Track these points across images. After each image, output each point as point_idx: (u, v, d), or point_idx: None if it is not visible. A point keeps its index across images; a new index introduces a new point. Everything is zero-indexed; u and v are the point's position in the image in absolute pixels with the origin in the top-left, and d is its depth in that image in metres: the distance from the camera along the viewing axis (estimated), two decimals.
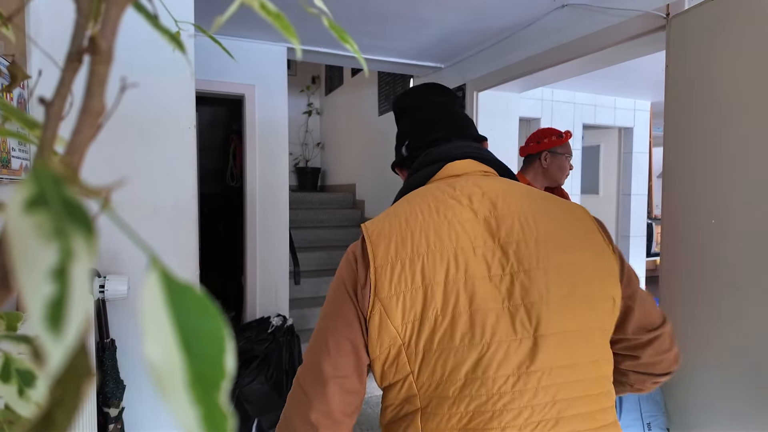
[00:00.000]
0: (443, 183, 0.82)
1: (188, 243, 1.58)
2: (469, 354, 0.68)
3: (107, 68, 0.20)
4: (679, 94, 1.68)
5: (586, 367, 0.70)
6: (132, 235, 0.17)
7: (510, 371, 0.67)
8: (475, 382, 0.67)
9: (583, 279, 0.71)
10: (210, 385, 0.15)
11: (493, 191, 0.77)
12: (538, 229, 0.72)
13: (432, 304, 0.69)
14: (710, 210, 1.55)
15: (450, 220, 0.73)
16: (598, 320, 0.71)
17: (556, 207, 0.78)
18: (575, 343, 0.69)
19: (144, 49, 1.38)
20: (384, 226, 0.75)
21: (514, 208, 0.74)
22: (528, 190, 0.80)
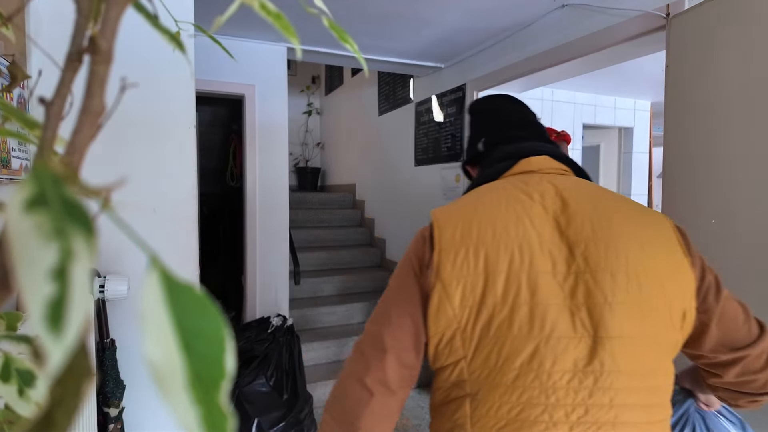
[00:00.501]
0: (516, 179, 0.82)
1: (188, 243, 1.58)
2: (525, 345, 0.68)
3: (107, 68, 0.20)
4: (679, 93, 1.68)
5: (645, 376, 0.69)
6: (132, 235, 0.17)
7: (566, 367, 0.67)
8: (529, 374, 0.67)
9: (651, 287, 0.68)
10: (210, 385, 0.15)
11: (566, 189, 0.77)
12: (610, 232, 0.71)
13: (492, 292, 0.69)
14: (710, 210, 1.55)
15: (518, 214, 0.74)
16: (664, 331, 0.69)
17: (634, 211, 0.75)
18: (637, 349, 0.67)
19: (144, 49, 1.38)
20: (452, 212, 0.77)
21: (586, 208, 0.73)
22: (604, 191, 0.79)
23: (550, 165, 0.83)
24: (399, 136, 4.15)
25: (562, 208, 0.74)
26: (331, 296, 4.10)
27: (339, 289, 4.16)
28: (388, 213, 4.47)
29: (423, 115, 3.71)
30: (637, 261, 0.69)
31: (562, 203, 0.75)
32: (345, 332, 3.67)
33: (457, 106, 3.26)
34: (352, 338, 3.59)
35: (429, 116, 3.62)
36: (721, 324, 0.73)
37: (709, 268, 0.75)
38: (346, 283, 4.19)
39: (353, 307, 3.90)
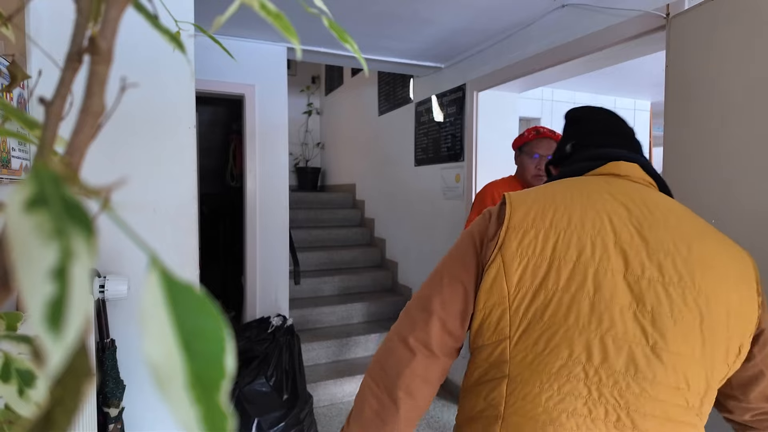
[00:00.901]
0: (601, 179, 0.80)
1: (188, 243, 1.58)
2: (579, 338, 0.67)
3: (107, 68, 0.20)
4: (679, 94, 1.68)
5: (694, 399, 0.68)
6: (132, 235, 0.17)
7: (617, 368, 0.66)
8: (577, 366, 0.67)
9: (719, 316, 0.67)
10: (210, 384, 0.15)
11: (653, 201, 0.76)
12: (690, 252, 0.69)
13: (555, 278, 0.69)
14: (710, 210, 1.55)
15: (598, 210, 0.73)
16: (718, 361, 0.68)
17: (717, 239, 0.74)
18: (690, 370, 0.67)
19: (144, 49, 1.38)
20: (529, 196, 0.77)
21: (671, 223, 0.72)
22: (691, 213, 0.78)
23: (639, 174, 0.82)
24: (399, 136, 4.15)
25: (646, 214, 0.73)
26: (331, 296, 4.10)
27: (339, 289, 4.16)
28: (388, 213, 4.47)
29: (423, 115, 3.71)
30: (711, 286, 0.68)
31: (648, 210, 0.73)
32: (345, 332, 3.67)
33: (457, 106, 3.26)
34: (352, 338, 3.59)
35: (429, 116, 3.62)
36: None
37: None
38: (346, 283, 4.19)
39: (353, 307, 3.90)
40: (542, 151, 2.08)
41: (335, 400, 3.22)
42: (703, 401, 0.70)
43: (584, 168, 0.84)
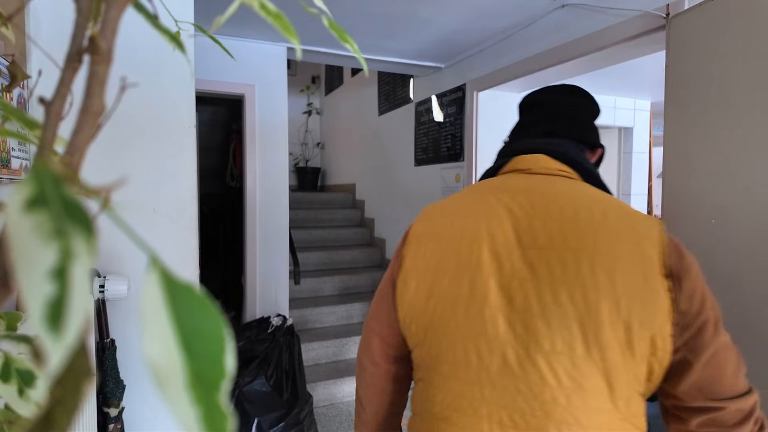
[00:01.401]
0: (503, 177, 0.82)
1: (188, 243, 1.58)
2: (460, 343, 0.70)
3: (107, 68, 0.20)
4: (678, 93, 1.68)
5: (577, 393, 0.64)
6: (132, 235, 0.17)
7: (494, 369, 0.67)
8: (459, 369, 0.70)
9: (603, 307, 0.63)
10: (210, 384, 0.15)
11: (539, 191, 0.73)
12: (572, 243, 0.66)
13: (439, 286, 0.73)
14: (710, 210, 1.55)
15: (478, 215, 0.74)
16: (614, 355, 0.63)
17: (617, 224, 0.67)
18: (572, 368, 0.63)
19: (144, 48, 1.38)
20: (435, 208, 0.83)
21: (553, 215, 0.69)
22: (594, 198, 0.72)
23: (544, 165, 0.79)
24: (399, 136, 4.15)
25: (524, 211, 0.72)
26: (331, 296, 4.10)
27: (339, 289, 4.16)
28: (388, 213, 4.47)
29: (423, 115, 3.71)
30: (594, 277, 0.64)
31: (530, 207, 0.72)
32: (345, 332, 3.67)
33: (456, 106, 3.26)
34: (352, 338, 3.59)
35: (429, 116, 3.62)
36: (708, 368, 0.64)
37: (712, 305, 0.66)
38: (346, 283, 4.19)
39: (353, 307, 3.90)
40: None
41: (335, 400, 3.22)
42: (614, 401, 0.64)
43: (497, 167, 0.85)
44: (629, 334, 0.62)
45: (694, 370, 0.64)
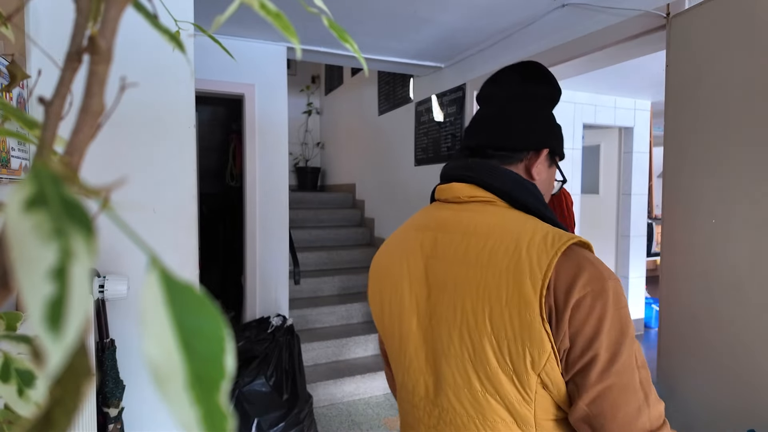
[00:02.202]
0: (427, 208, 0.84)
1: (188, 243, 1.58)
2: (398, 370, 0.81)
3: (107, 68, 0.20)
4: (679, 93, 1.68)
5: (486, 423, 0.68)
6: (132, 234, 0.17)
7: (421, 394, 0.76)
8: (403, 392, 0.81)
9: (483, 341, 0.66)
10: (210, 385, 0.15)
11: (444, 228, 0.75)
12: (462, 279, 0.69)
13: (381, 323, 0.84)
14: (711, 210, 1.55)
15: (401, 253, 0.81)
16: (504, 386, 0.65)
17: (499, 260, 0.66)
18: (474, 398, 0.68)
19: (144, 48, 1.38)
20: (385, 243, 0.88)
21: (448, 255, 0.73)
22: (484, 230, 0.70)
23: (456, 194, 0.76)
24: (399, 136, 4.15)
25: (431, 249, 0.75)
26: (331, 296, 4.10)
27: (339, 289, 4.16)
28: (388, 213, 4.47)
29: (423, 114, 3.71)
30: (477, 319, 0.66)
31: (433, 245, 0.75)
32: (345, 332, 3.67)
33: (457, 105, 3.26)
34: (352, 338, 3.59)
35: (429, 116, 3.62)
36: (594, 407, 0.61)
37: (610, 343, 0.61)
38: (345, 283, 4.19)
39: (353, 307, 3.90)
40: None
41: (335, 400, 3.22)
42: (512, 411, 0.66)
43: (432, 194, 0.85)
44: (517, 374, 0.64)
45: (579, 408, 0.63)
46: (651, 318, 4.85)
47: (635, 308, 4.78)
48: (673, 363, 1.70)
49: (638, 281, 4.78)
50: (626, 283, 4.73)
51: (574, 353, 0.62)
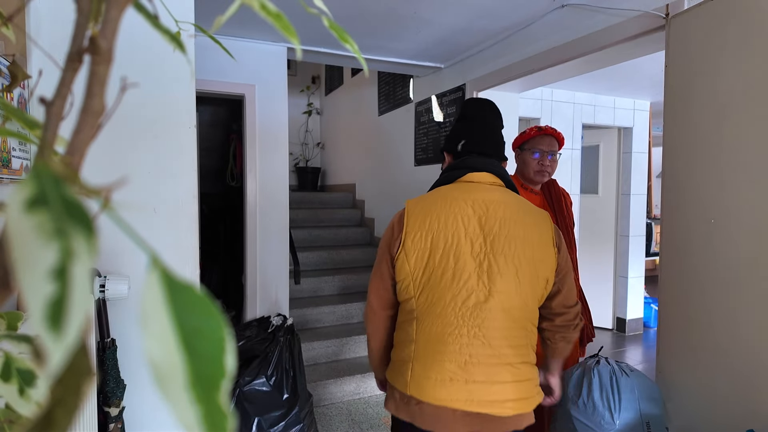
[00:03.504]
0: (463, 185, 1.27)
1: (188, 243, 1.58)
2: (448, 293, 1.18)
3: (107, 68, 0.20)
4: (678, 94, 1.68)
5: (517, 316, 1.19)
6: (132, 234, 0.17)
7: (470, 305, 1.17)
8: (449, 307, 1.18)
9: (527, 267, 1.18)
10: (210, 384, 0.15)
11: (489, 199, 1.23)
12: (509, 230, 1.19)
13: (432, 260, 1.20)
14: (709, 210, 1.55)
15: (455, 213, 1.21)
16: (532, 291, 1.20)
17: (527, 217, 1.23)
18: (508, 300, 1.17)
19: (144, 49, 1.38)
20: (419, 205, 1.26)
21: (498, 214, 1.21)
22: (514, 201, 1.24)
23: (488, 180, 1.28)
24: (399, 136, 4.15)
25: (484, 212, 1.21)
26: (331, 296, 4.10)
27: (339, 288, 4.17)
28: (388, 213, 4.47)
29: (423, 115, 3.71)
30: (522, 250, 1.19)
31: (485, 208, 1.21)
32: (345, 331, 3.67)
33: (456, 106, 3.26)
34: (352, 337, 3.59)
35: (429, 116, 3.62)
36: (565, 292, 1.25)
37: (566, 261, 1.25)
38: (345, 282, 4.19)
39: (353, 306, 3.90)
40: (545, 147, 2.07)
41: (335, 400, 3.22)
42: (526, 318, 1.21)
43: (456, 176, 1.30)
44: (536, 277, 1.19)
45: (561, 293, 1.25)
46: (650, 318, 4.85)
47: (635, 308, 4.78)
48: (672, 363, 1.70)
49: (637, 281, 4.78)
50: (625, 283, 4.73)
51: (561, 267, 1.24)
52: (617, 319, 4.84)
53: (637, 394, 1.57)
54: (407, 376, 1.21)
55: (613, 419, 1.54)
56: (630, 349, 4.42)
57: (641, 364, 3.99)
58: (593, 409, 1.57)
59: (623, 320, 4.77)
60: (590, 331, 2.12)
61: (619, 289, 4.80)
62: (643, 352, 4.34)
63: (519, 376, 1.18)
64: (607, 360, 1.69)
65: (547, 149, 2.06)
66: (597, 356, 1.73)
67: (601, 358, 1.70)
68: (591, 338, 2.10)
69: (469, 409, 1.15)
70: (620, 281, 4.78)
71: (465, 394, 1.16)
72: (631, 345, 4.51)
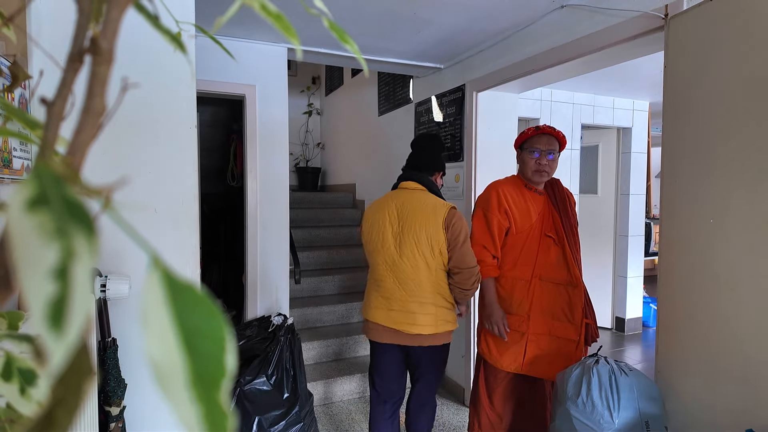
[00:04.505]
0: (397, 190, 2.09)
1: (189, 242, 1.58)
2: (380, 255, 2.01)
3: (108, 69, 0.20)
4: (677, 94, 1.68)
5: (419, 271, 1.94)
6: (133, 234, 0.17)
7: (389, 264, 1.98)
8: (380, 266, 2.01)
9: (424, 241, 1.92)
10: (211, 383, 0.15)
11: (408, 198, 2.01)
12: (414, 218, 1.94)
13: (371, 236, 2.05)
14: (708, 210, 1.55)
15: (385, 208, 2.03)
16: (429, 258, 1.93)
17: (427, 209, 1.95)
18: (416, 262, 1.93)
19: (145, 49, 1.38)
20: (371, 205, 2.12)
21: (410, 208, 1.97)
22: (422, 199, 1.99)
23: (412, 186, 2.05)
24: (399, 137, 4.15)
25: (401, 206, 1.99)
26: (332, 295, 4.10)
27: (339, 288, 4.17)
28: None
29: (423, 115, 3.71)
30: (419, 230, 1.92)
31: (403, 204, 1.99)
32: (345, 331, 3.67)
33: (456, 106, 3.26)
34: (352, 337, 3.59)
35: (429, 116, 3.62)
36: (458, 256, 1.92)
37: (457, 237, 1.92)
38: (346, 282, 4.19)
39: (353, 306, 3.90)
40: (542, 146, 2.07)
41: (335, 399, 3.22)
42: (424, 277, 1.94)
43: (396, 185, 2.12)
44: (432, 248, 1.92)
45: (453, 259, 1.93)
46: (649, 317, 4.85)
47: (634, 308, 4.78)
48: (671, 362, 1.70)
49: (636, 281, 4.78)
50: (624, 283, 4.73)
51: (451, 240, 1.92)
52: (616, 319, 4.84)
53: (636, 394, 1.57)
54: (365, 306, 2.11)
55: (612, 418, 1.54)
56: (629, 348, 4.42)
57: (640, 363, 3.99)
58: (592, 408, 1.57)
59: (622, 320, 4.78)
60: (594, 331, 2.12)
61: (618, 289, 4.81)
62: (642, 351, 4.34)
63: (422, 310, 1.93)
64: (607, 359, 1.69)
65: (545, 148, 2.05)
66: (596, 355, 1.73)
67: (600, 358, 1.70)
68: (595, 338, 2.10)
69: (388, 325, 1.98)
70: (619, 281, 4.78)
71: (387, 317, 1.98)
72: (631, 344, 4.51)
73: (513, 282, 2.08)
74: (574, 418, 1.60)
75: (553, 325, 2.04)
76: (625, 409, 1.54)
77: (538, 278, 2.05)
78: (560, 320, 2.04)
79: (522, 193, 2.12)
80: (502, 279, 2.11)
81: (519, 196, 2.11)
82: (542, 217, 2.10)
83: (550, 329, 2.04)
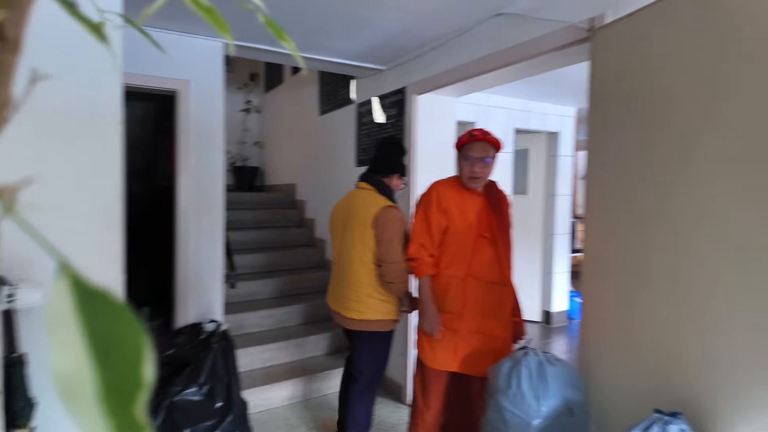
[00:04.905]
0: (353, 190, 2.42)
1: (112, 246, 1.48)
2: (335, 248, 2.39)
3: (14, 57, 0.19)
4: (600, 102, 1.81)
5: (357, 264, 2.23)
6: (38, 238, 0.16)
7: (337, 255, 2.36)
8: (334, 257, 2.40)
9: (359, 236, 2.21)
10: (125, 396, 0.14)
11: (356, 197, 2.33)
12: (354, 216, 2.25)
13: (333, 231, 2.43)
14: (626, 208, 1.68)
15: (341, 207, 2.42)
16: (361, 251, 2.22)
17: (365, 208, 2.23)
18: (352, 254, 2.24)
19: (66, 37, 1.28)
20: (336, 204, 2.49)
21: (354, 206, 2.29)
22: (365, 198, 2.28)
23: (364, 186, 2.33)
24: (340, 137, 4.14)
25: (350, 205, 2.33)
26: (270, 299, 4.01)
27: (278, 291, 4.08)
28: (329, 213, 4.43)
29: (365, 115, 3.73)
30: (356, 227, 2.23)
31: (351, 203, 2.33)
32: (283, 335, 3.60)
33: (397, 108, 3.30)
34: (291, 341, 3.53)
35: (370, 117, 3.64)
36: (381, 251, 2.18)
37: (383, 234, 2.16)
38: (285, 285, 4.11)
39: (292, 309, 3.83)
40: (475, 153, 2.13)
41: (272, 405, 3.15)
42: (357, 267, 2.23)
43: (356, 185, 2.40)
44: (363, 243, 2.21)
45: (378, 252, 2.20)
46: (574, 310, 5.18)
47: (560, 301, 5.08)
48: (592, 352, 1.82)
49: (563, 276, 5.08)
50: (552, 279, 5.02)
51: (378, 237, 2.18)
52: (545, 312, 5.12)
53: (562, 382, 1.66)
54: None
55: (539, 406, 1.62)
56: (556, 340, 4.69)
57: (566, 354, 4.24)
58: (522, 398, 1.65)
59: (550, 313, 5.06)
60: (521, 329, 2.22)
61: (546, 284, 5.09)
62: (567, 342, 4.62)
63: (356, 297, 2.22)
64: (536, 351, 1.78)
65: (478, 156, 2.11)
66: (525, 348, 1.82)
67: (529, 350, 1.79)
68: (522, 336, 2.19)
69: (333, 308, 2.36)
70: (547, 276, 5.07)
71: (333, 301, 2.37)
72: (557, 336, 4.79)
73: (448, 280, 2.12)
74: (504, 408, 1.67)
75: (484, 323, 2.10)
76: (552, 397, 1.63)
77: (472, 277, 2.11)
78: (491, 318, 2.10)
79: (461, 194, 2.18)
80: (439, 277, 2.15)
81: (458, 197, 2.17)
82: (479, 218, 2.16)
83: (480, 327, 2.10)
